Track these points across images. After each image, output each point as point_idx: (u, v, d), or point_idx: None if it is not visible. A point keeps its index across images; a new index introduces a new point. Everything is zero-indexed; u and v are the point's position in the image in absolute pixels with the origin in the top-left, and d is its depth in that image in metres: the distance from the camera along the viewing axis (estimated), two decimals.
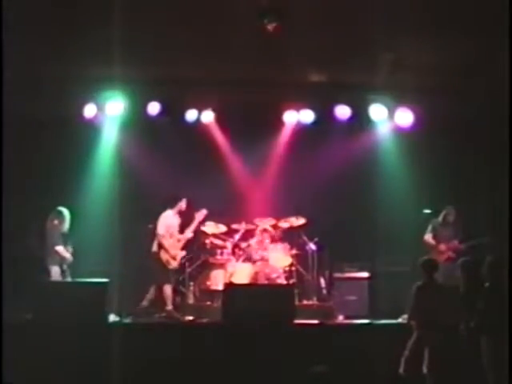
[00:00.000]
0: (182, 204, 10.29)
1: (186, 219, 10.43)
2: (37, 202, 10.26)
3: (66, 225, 9.95)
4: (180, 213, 10.34)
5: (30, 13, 8.08)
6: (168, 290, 9.94)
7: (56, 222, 9.91)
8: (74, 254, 10.02)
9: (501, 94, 7.88)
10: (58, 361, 8.13)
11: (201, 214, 10.33)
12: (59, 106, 10.49)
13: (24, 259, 9.81)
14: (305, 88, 10.79)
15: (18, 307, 8.68)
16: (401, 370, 7.53)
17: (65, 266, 9.84)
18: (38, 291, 9.03)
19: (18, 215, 9.69)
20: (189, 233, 10.29)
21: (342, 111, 11.18)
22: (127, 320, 9.42)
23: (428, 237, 10.25)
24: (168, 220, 10.14)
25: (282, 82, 10.42)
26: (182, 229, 10.34)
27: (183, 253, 10.26)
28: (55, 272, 9.71)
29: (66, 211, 9.98)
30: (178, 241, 10.15)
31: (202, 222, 10.60)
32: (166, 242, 9.98)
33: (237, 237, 10.98)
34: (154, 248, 10.09)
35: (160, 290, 9.97)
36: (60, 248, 9.78)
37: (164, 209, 10.21)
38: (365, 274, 10.39)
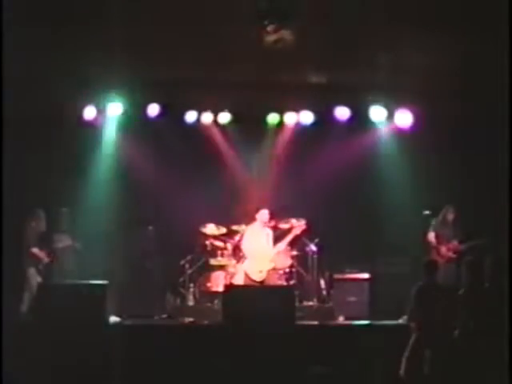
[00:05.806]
0: None
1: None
2: (37, 203, 10.24)
3: (43, 225, 9.97)
4: None
5: (29, 13, 8.09)
6: None
7: (33, 223, 9.92)
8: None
9: (500, 95, 7.90)
10: (57, 362, 8.11)
11: None
12: (59, 107, 10.50)
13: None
14: (304, 89, 10.79)
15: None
16: (401, 371, 7.50)
17: (40, 267, 9.86)
18: (38, 292, 9.04)
19: (17, 216, 9.73)
20: None
21: (342, 112, 11.18)
22: (127, 322, 9.41)
23: (431, 236, 10.25)
24: None
25: (282, 83, 10.42)
26: None
27: None
28: (31, 273, 9.73)
29: (41, 212, 9.98)
30: None
31: None
32: None
33: (237, 238, 10.95)
34: None
35: None
36: (36, 250, 9.81)
37: None
38: (365, 275, 10.36)
